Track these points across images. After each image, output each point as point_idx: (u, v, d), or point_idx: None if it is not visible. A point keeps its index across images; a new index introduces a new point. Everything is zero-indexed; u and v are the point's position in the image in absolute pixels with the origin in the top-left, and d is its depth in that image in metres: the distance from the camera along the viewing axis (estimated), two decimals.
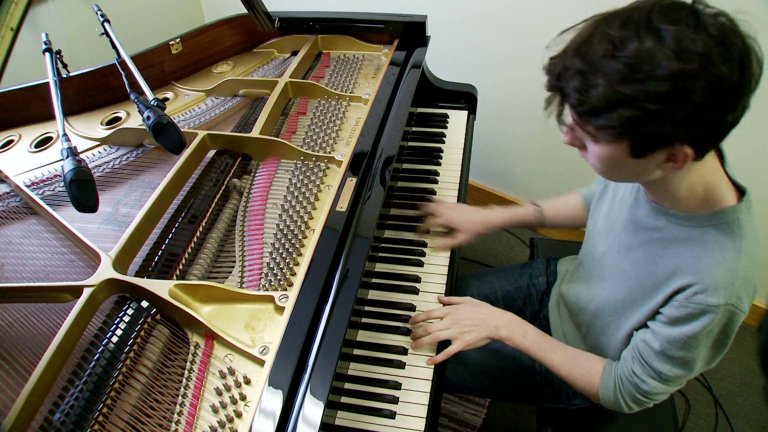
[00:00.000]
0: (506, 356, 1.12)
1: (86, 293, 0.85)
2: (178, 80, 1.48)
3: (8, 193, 1.17)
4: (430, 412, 0.92)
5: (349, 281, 0.88)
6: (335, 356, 0.79)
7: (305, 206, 1.05)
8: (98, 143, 1.27)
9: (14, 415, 0.71)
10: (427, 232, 1.22)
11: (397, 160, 1.17)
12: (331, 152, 1.17)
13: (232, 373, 0.81)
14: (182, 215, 1.04)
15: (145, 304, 0.88)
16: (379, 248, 1.19)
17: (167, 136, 0.92)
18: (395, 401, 0.93)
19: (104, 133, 1.29)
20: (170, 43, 1.43)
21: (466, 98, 1.57)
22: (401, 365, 0.99)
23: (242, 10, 1.42)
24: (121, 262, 0.92)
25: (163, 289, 0.87)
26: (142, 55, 1.38)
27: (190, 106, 1.37)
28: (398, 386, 0.95)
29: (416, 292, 1.11)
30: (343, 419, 0.91)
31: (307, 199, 1.07)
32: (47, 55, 1.02)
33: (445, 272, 1.15)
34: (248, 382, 0.80)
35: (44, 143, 1.29)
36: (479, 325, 0.98)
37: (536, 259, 1.35)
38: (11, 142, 1.31)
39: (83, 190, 0.79)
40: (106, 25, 1.11)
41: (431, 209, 1.22)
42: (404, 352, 1.00)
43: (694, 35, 0.59)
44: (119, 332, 0.84)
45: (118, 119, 1.35)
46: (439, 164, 1.41)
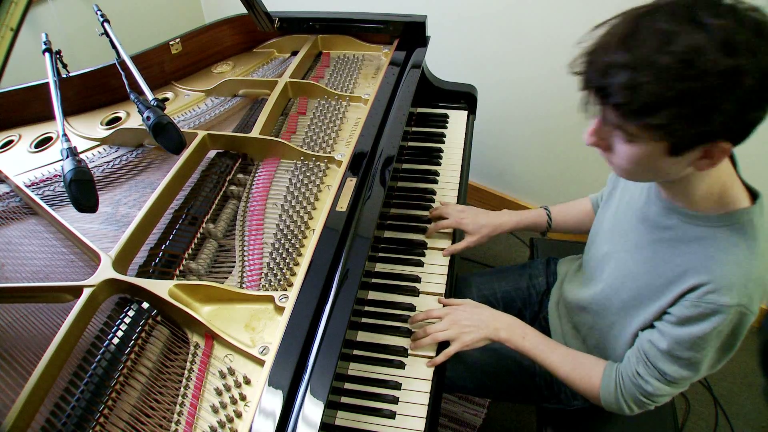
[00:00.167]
0: (506, 356, 1.12)
1: (86, 293, 0.86)
2: (178, 80, 1.48)
3: (8, 193, 1.17)
4: (430, 412, 0.92)
5: (349, 281, 0.88)
6: (335, 356, 0.79)
7: (305, 206, 1.05)
8: (98, 143, 1.27)
9: (14, 415, 0.72)
10: (450, 235, 1.22)
11: (397, 160, 1.17)
12: (331, 152, 1.17)
13: (232, 373, 0.81)
14: (182, 215, 1.04)
15: (145, 305, 0.88)
16: (379, 248, 1.19)
17: (167, 136, 0.92)
18: (395, 401, 0.93)
19: (104, 133, 1.29)
20: (170, 43, 1.43)
21: (466, 98, 1.57)
22: (401, 365, 0.99)
23: (242, 10, 1.42)
24: (121, 262, 0.92)
25: (163, 289, 0.87)
26: (142, 55, 1.38)
27: (190, 106, 1.37)
28: (398, 386, 0.95)
29: (416, 292, 1.11)
30: (343, 419, 0.91)
31: (307, 199, 1.07)
32: (47, 55, 1.02)
33: (445, 272, 1.15)
34: (248, 382, 0.80)
35: (44, 143, 1.29)
36: (478, 326, 0.98)
37: (536, 259, 1.34)
38: (11, 142, 1.31)
39: (83, 190, 0.79)
40: (106, 25, 1.11)
41: (440, 212, 1.22)
42: (404, 352, 1.00)
43: (739, 29, 0.58)
44: (120, 333, 0.84)
45: (118, 119, 1.35)
46: (439, 164, 1.41)
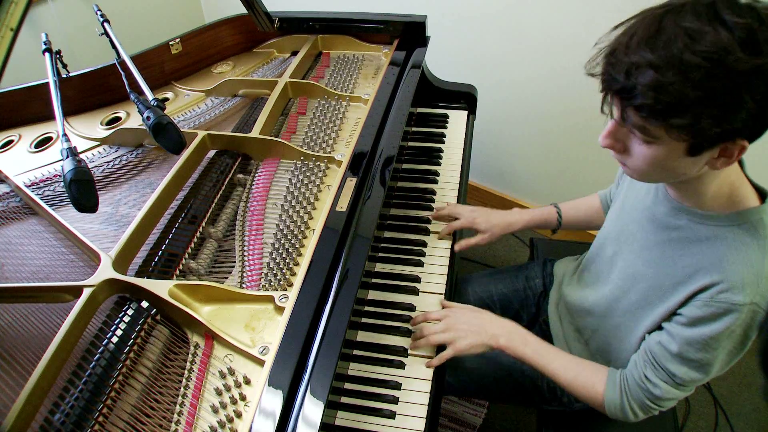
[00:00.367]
0: (507, 360, 1.11)
1: (86, 293, 0.85)
2: (178, 80, 1.48)
3: (8, 193, 1.17)
4: (430, 412, 0.92)
5: (349, 281, 0.88)
6: (335, 356, 0.79)
7: (305, 206, 1.05)
8: (98, 143, 1.27)
9: (14, 415, 0.71)
10: (450, 235, 1.22)
11: (397, 160, 1.17)
12: (331, 152, 1.17)
13: (232, 373, 0.81)
14: (182, 215, 1.04)
15: (145, 304, 0.88)
16: (379, 248, 1.19)
17: (167, 136, 0.92)
18: (395, 401, 0.93)
19: (104, 133, 1.29)
20: (170, 43, 1.43)
21: (466, 98, 1.57)
22: (401, 365, 0.99)
23: (242, 10, 1.42)
24: (121, 262, 0.92)
25: (163, 289, 0.87)
26: (142, 55, 1.38)
27: (190, 106, 1.37)
28: (398, 386, 0.95)
29: (416, 292, 1.11)
30: (343, 419, 0.91)
31: (307, 199, 1.07)
32: (47, 55, 1.02)
33: (445, 272, 1.15)
34: (248, 382, 0.80)
35: (44, 143, 1.29)
36: (476, 331, 0.96)
37: (532, 261, 1.34)
38: (11, 142, 1.31)
39: (83, 190, 0.79)
40: (106, 25, 1.11)
41: (450, 211, 1.23)
42: (404, 352, 1.00)
43: (761, 27, 0.58)
44: (119, 332, 0.84)
45: (118, 119, 1.35)
46: (439, 164, 1.41)
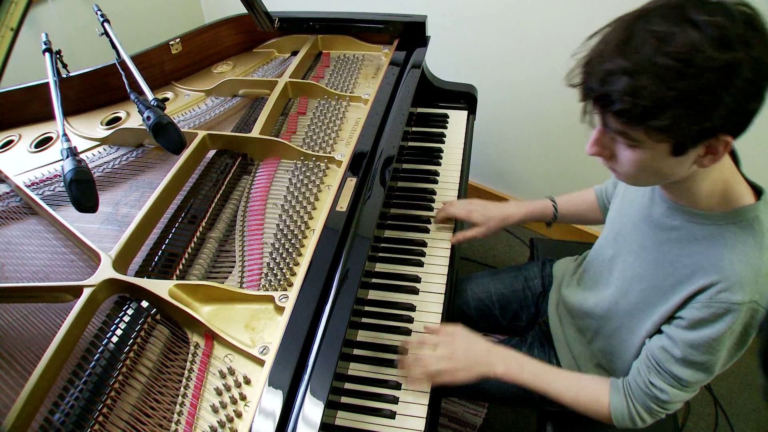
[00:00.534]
0: None
1: (86, 293, 0.86)
2: (178, 80, 1.48)
3: (8, 193, 1.17)
4: (430, 412, 0.92)
5: (349, 281, 0.88)
6: (335, 356, 0.79)
7: (305, 206, 1.05)
8: (98, 143, 1.27)
9: (14, 415, 0.72)
10: (444, 222, 1.24)
11: (397, 160, 1.17)
12: (331, 152, 1.17)
13: (232, 373, 0.81)
14: (182, 215, 1.04)
15: (145, 304, 0.88)
16: (379, 248, 1.19)
17: (167, 136, 0.92)
18: (395, 401, 0.93)
19: (104, 133, 1.29)
20: (170, 43, 1.43)
21: (466, 98, 1.57)
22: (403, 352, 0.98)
23: (242, 10, 1.42)
24: (121, 262, 0.92)
25: (163, 289, 0.87)
26: (142, 55, 1.38)
27: (190, 106, 1.37)
28: (398, 386, 0.95)
29: (416, 292, 1.11)
30: (343, 419, 0.91)
31: (307, 199, 1.07)
32: (47, 55, 1.02)
33: (445, 272, 1.15)
34: (248, 382, 0.80)
35: (44, 143, 1.29)
36: (473, 362, 0.94)
37: (531, 261, 1.34)
38: (11, 142, 1.31)
39: (83, 190, 0.79)
40: (106, 25, 1.11)
41: (447, 212, 1.23)
42: (404, 352, 1.00)
43: (731, 23, 0.59)
44: (119, 332, 0.84)
45: (118, 119, 1.35)
46: (439, 164, 1.41)
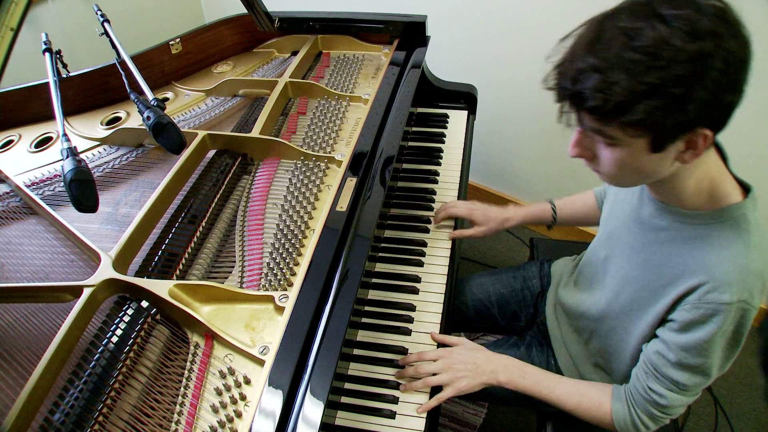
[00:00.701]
0: None
1: (86, 293, 0.85)
2: (178, 80, 1.48)
3: (8, 193, 1.17)
4: (430, 412, 0.92)
5: (349, 281, 0.88)
6: (335, 356, 0.79)
7: (305, 206, 1.05)
8: (98, 143, 1.27)
9: (14, 415, 0.71)
10: (451, 230, 1.24)
11: (397, 160, 1.17)
12: (331, 152, 1.17)
13: (232, 373, 0.81)
14: (182, 215, 1.04)
15: (145, 304, 0.88)
16: (379, 248, 1.19)
17: (167, 136, 0.92)
18: (395, 401, 0.93)
19: (104, 133, 1.29)
20: (170, 43, 1.43)
21: (466, 98, 1.57)
22: (401, 365, 0.98)
23: (242, 10, 1.42)
24: (121, 262, 0.92)
25: (163, 289, 0.87)
26: (142, 55, 1.38)
27: (190, 106, 1.37)
28: (398, 386, 0.95)
29: (416, 292, 1.11)
30: (343, 419, 0.91)
31: (307, 199, 1.07)
32: (47, 55, 1.01)
33: (445, 272, 1.15)
34: (248, 382, 0.80)
35: (44, 143, 1.29)
36: (474, 371, 0.95)
37: (529, 261, 1.35)
38: (11, 142, 1.31)
39: (83, 190, 0.79)
40: (106, 25, 1.11)
41: (448, 212, 1.24)
42: (404, 352, 1.00)
43: (699, 16, 0.60)
44: (119, 332, 0.84)
45: (118, 119, 1.35)
46: (439, 164, 1.41)
